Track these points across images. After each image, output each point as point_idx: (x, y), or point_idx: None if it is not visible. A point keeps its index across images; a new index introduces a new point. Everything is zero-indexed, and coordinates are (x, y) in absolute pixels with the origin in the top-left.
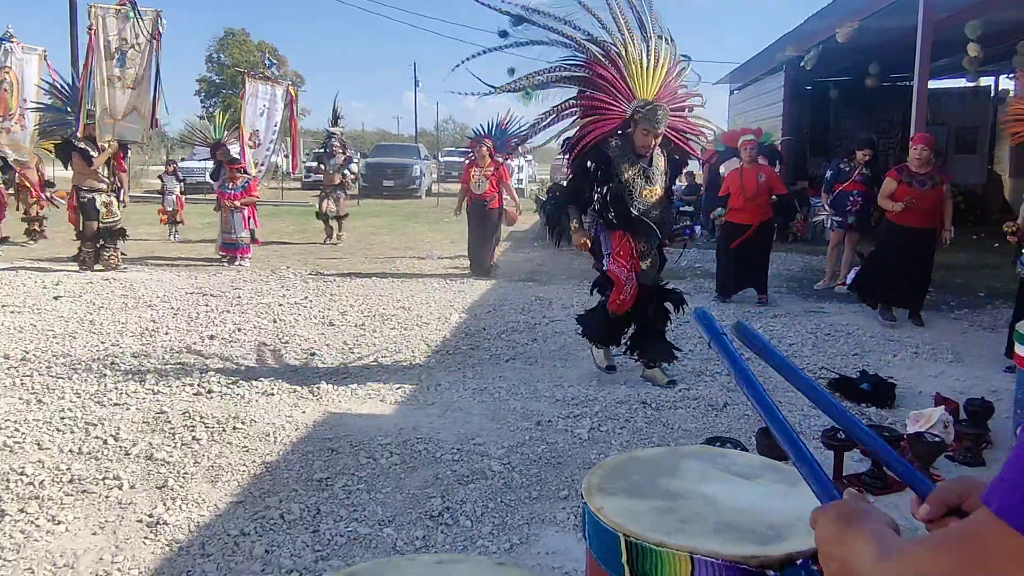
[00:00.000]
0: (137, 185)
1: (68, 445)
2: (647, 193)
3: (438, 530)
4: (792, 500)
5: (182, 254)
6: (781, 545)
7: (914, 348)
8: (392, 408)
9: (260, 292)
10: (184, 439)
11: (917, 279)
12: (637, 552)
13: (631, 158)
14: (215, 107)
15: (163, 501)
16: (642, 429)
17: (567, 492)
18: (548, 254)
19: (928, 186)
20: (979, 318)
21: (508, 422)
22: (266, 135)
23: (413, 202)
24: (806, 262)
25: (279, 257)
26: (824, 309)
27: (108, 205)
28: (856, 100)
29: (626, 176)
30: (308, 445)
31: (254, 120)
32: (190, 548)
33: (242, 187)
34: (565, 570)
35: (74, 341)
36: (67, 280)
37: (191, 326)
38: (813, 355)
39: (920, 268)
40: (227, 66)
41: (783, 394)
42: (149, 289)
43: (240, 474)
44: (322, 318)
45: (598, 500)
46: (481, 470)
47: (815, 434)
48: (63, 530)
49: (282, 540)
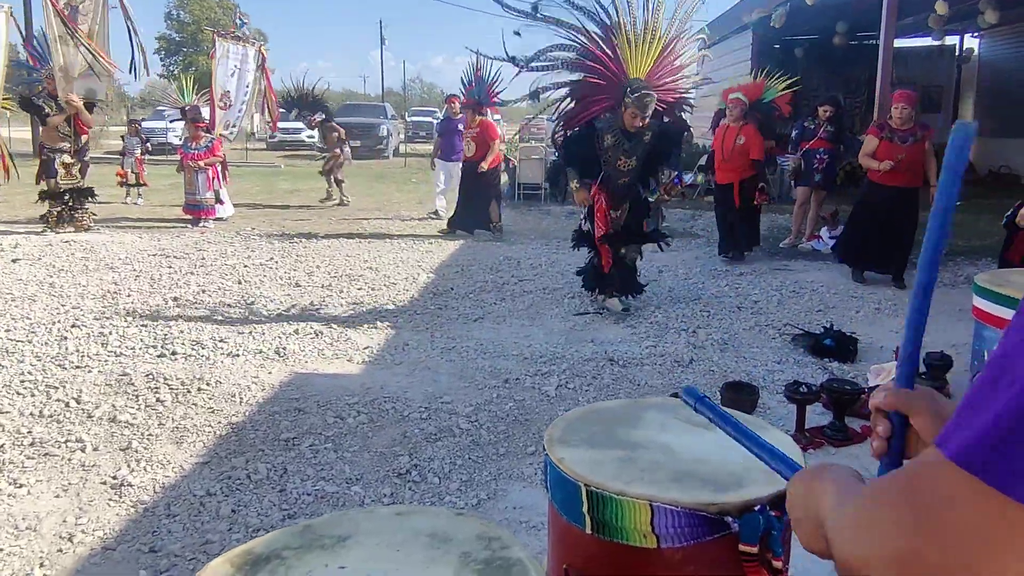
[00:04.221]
0: (98, 146)
1: (29, 408)
2: (621, 163)
3: (406, 487)
4: None
5: (144, 215)
6: (740, 492)
7: (876, 304)
8: (359, 368)
9: (225, 254)
10: (148, 401)
11: (903, 241)
12: (598, 501)
13: (615, 131)
14: (176, 66)
15: (127, 463)
16: (609, 386)
17: (534, 448)
18: (516, 213)
19: (910, 142)
20: (941, 275)
21: (476, 380)
22: (237, 96)
23: (380, 162)
24: (772, 220)
25: (243, 219)
26: (790, 267)
27: (68, 166)
28: (824, 59)
29: (607, 143)
30: (274, 405)
31: (225, 81)
32: (155, 509)
33: (205, 147)
34: (532, 524)
35: (33, 304)
36: (26, 243)
37: (154, 288)
38: (778, 311)
39: (906, 229)
40: (187, 24)
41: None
42: (110, 251)
43: (206, 435)
44: (288, 279)
45: (559, 451)
46: (449, 428)
47: (779, 388)
48: (25, 493)
49: (249, 500)
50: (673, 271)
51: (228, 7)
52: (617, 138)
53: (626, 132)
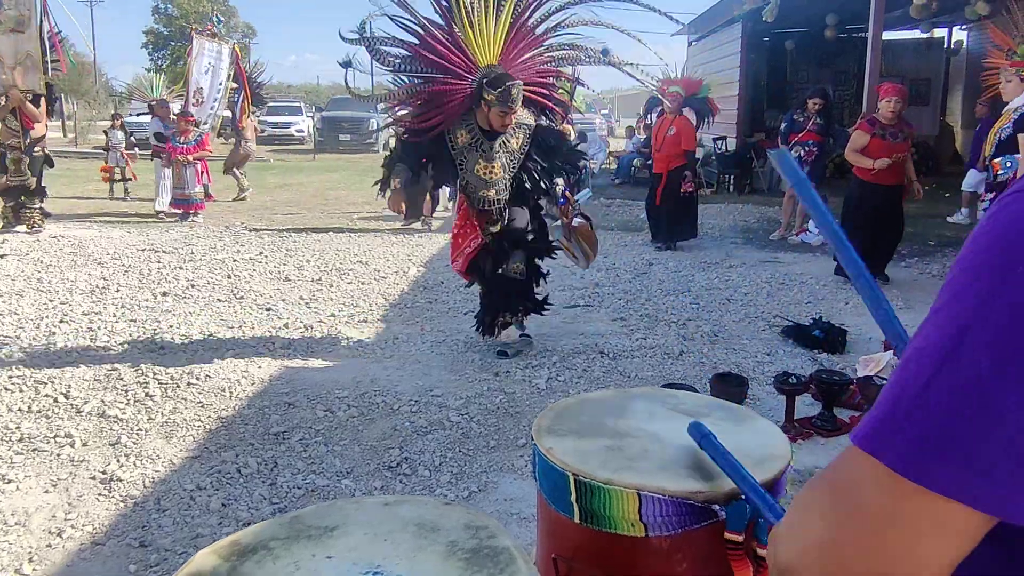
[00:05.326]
0: (85, 141)
1: (17, 404)
2: (481, 169)
3: (396, 480)
4: (739, 437)
5: (132, 211)
6: (727, 481)
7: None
8: (349, 362)
9: (214, 248)
10: (137, 396)
11: (890, 239)
12: (585, 490)
13: (471, 126)
14: (164, 60)
15: (116, 458)
16: (599, 378)
17: (524, 440)
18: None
19: (899, 139)
20: (929, 266)
21: (466, 374)
22: (210, 93)
23: (370, 156)
24: (762, 213)
25: (233, 213)
26: (779, 259)
27: (17, 162)
28: (813, 52)
29: (460, 142)
30: (264, 399)
31: (199, 78)
32: (145, 504)
33: (195, 141)
34: (523, 515)
35: (22, 300)
36: (13, 238)
37: (143, 283)
38: (768, 303)
39: (894, 228)
40: (175, 17)
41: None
42: (99, 246)
43: (195, 429)
44: (278, 273)
45: (547, 441)
46: (439, 421)
47: (768, 380)
48: (14, 488)
49: (239, 493)
50: (663, 263)
51: (217, 4)
52: (474, 136)
53: (485, 130)
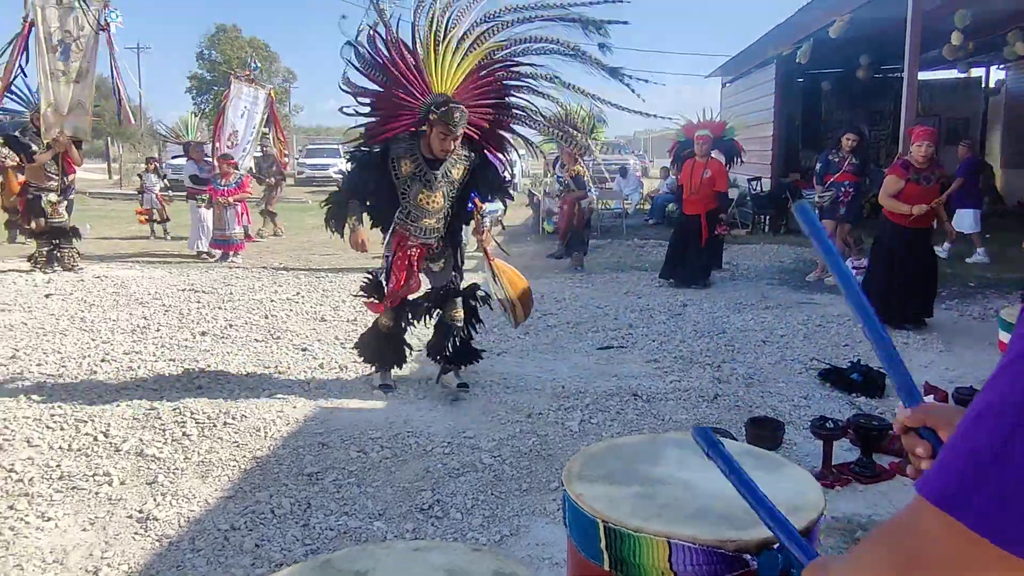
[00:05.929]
0: (129, 183)
1: (58, 442)
2: (423, 199)
3: (428, 523)
4: (771, 486)
5: (174, 251)
6: (758, 530)
7: (904, 338)
8: (383, 402)
9: (252, 288)
10: (174, 435)
11: (927, 280)
12: (615, 537)
13: (415, 156)
14: (207, 104)
15: (153, 497)
16: (633, 421)
17: (557, 484)
18: (542, 247)
19: (932, 183)
20: (969, 308)
21: (499, 415)
22: (244, 136)
23: None
24: (798, 254)
25: (271, 253)
26: (815, 300)
27: (55, 204)
28: (847, 92)
29: (404, 171)
30: (299, 439)
31: (235, 121)
32: (180, 543)
33: (236, 183)
34: (555, 560)
35: (65, 338)
36: (58, 278)
37: (182, 323)
38: (804, 346)
39: (930, 275)
40: (218, 63)
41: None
42: (140, 286)
43: (230, 469)
44: (314, 314)
45: (578, 487)
46: (472, 463)
47: (805, 424)
48: (53, 526)
49: (272, 534)
50: (697, 304)
51: (259, 46)
52: (418, 165)
53: (429, 159)
